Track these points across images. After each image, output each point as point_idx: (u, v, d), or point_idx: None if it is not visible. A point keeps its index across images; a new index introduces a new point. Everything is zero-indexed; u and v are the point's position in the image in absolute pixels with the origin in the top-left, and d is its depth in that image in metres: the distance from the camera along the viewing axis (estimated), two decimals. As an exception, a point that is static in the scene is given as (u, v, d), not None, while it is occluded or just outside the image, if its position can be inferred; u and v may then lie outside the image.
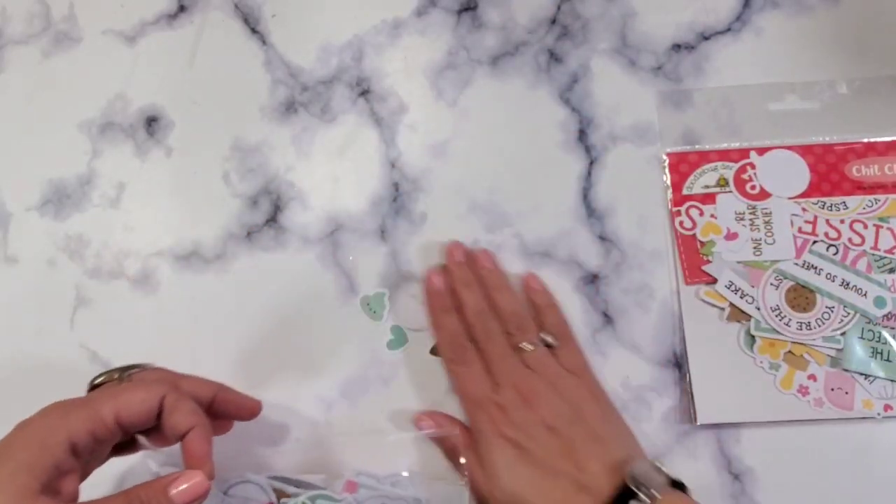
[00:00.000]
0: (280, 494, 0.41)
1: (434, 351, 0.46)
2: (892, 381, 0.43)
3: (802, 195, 0.47)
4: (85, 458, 0.34)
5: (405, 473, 0.43)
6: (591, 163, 0.49)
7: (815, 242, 0.46)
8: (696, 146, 0.48)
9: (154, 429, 0.37)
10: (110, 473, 0.42)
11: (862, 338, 0.44)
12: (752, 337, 0.45)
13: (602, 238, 0.48)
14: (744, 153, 0.48)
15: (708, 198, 0.47)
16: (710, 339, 0.45)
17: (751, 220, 0.46)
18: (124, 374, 0.37)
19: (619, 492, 0.37)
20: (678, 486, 0.37)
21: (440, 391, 0.46)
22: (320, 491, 0.40)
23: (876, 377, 0.43)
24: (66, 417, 0.33)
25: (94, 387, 0.38)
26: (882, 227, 0.46)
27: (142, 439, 0.38)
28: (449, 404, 0.45)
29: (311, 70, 0.52)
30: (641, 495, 0.36)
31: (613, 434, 0.41)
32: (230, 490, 0.41)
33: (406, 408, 0.45)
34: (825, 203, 0.46)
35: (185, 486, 0.33)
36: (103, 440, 0.34)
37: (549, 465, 0.39)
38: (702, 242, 0.46)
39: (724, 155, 0.48)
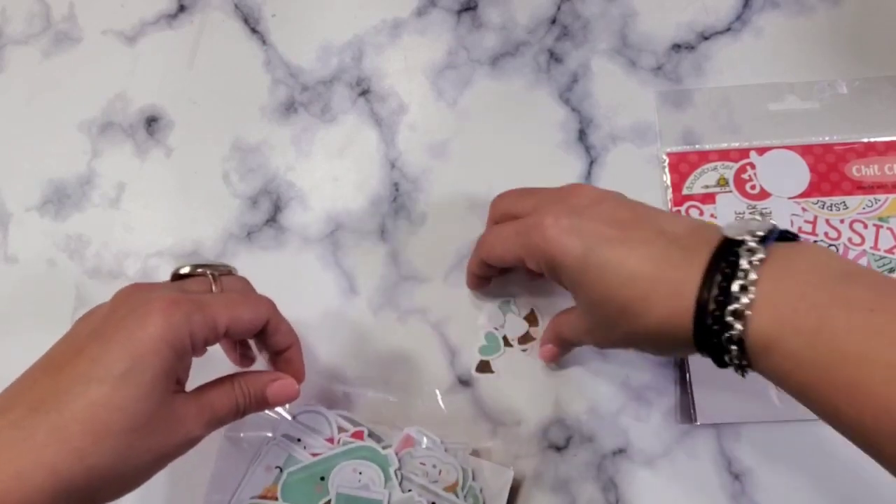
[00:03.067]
0: (341, 431, 0.43)
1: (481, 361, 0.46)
2: (892, 381, 0.43)
3: (802, 195, 0.47)
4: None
5: (464, 441, 0.43)
6: (591, 163, 0.49)
7: (815, 242, 0.46)
8: (696, 146, 0.48)
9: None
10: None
11: (862, 338, 0.44)
12: (752, 337, 0.44)
13: (602, 238, 0.48)
14: (744, 153, 0.48)
15: (708, 198, 0.47)
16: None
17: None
18: (215, 273, 0.38)
19: (719, 243, 0.32)
20: (791, 237, 0.33)
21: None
22: (367, 443, 0.42)
23: (876, 377, 0.43)
24: (189, 321, 0.33)
25: (177, 276, 0.38)
26: (882, 227, 0.46)
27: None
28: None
29: (311, 70, 0.52)
30: (747, 237, 0.31)
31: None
32: (299, 416, 0.43)
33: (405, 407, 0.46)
34: (825, 203, 0.47)
35: (281, 387, 0.37)
36: (208, 346, 0.36)
37: (626, 239, 0.34)
38: (702, 242, 0.46)
39: (724, 155, 0.48)
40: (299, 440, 0.43)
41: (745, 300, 0.30)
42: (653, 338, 0.34)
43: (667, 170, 0.48)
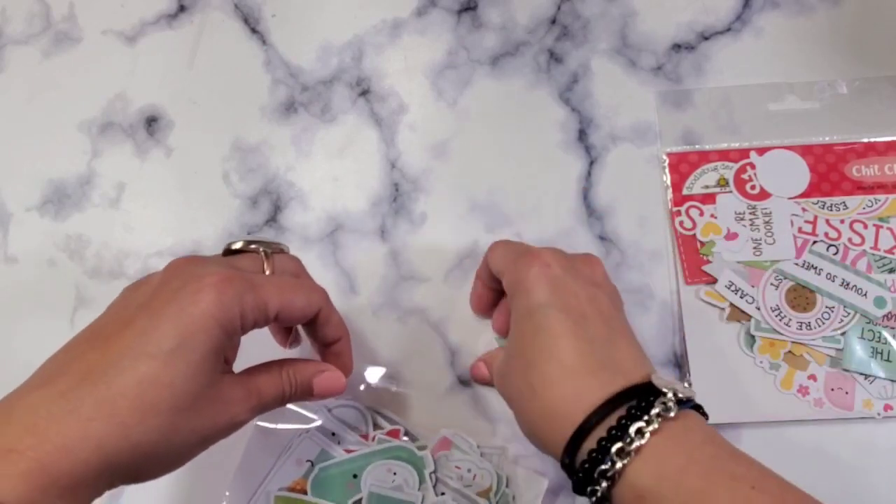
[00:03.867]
0: (377, 429, 0.43)
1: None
2: (892, 381, 0.43)
3: (802, 195, 0.47)
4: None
5: (501, 445, 0.43)
6: (591, 163, 0.49)
7: (815, 242, 0.46)
8: (696, 146, 0.48)
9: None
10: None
11: (862, 338, 0.44)
12: (752, 337, 0.45)
13: (602, 238, 0.48)
14: (744, 153, 0.48)
15: (708, 198, 0.47)
16: (711, 339, 0.45)
17: (751, 220, 0.46)
18: (267, 251, 0.37)
19: (643, 384, 0.32)
20: (701, 410, 0.34)
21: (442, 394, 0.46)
22: (403, 443, 0.41)
23: (876, 377, 0.43)
24: (240, 301, 0.32)
25: (229, 251, 0.37)
26: (882, 227, 0.46)
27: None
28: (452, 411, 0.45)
29: (311, 70, 0.52)
30: (669, 394, 0.32)
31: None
32: (334, 409, 0.43)
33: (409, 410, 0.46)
34: (825, 203, 0.46)
35: (328, 380, 0.37)
36: (257, 328, 0.35)
37: (582, 325, 0.34)
38: (702, 242, 0.46)
39: (724, 155, 0.48)
40: (333, 434, 0.42)
41: (636, 444, 0.30)
42: (537, 423, 0.34)
43: (667, 170, 0.48)
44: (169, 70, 0.53)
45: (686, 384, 0.33)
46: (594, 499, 0.31)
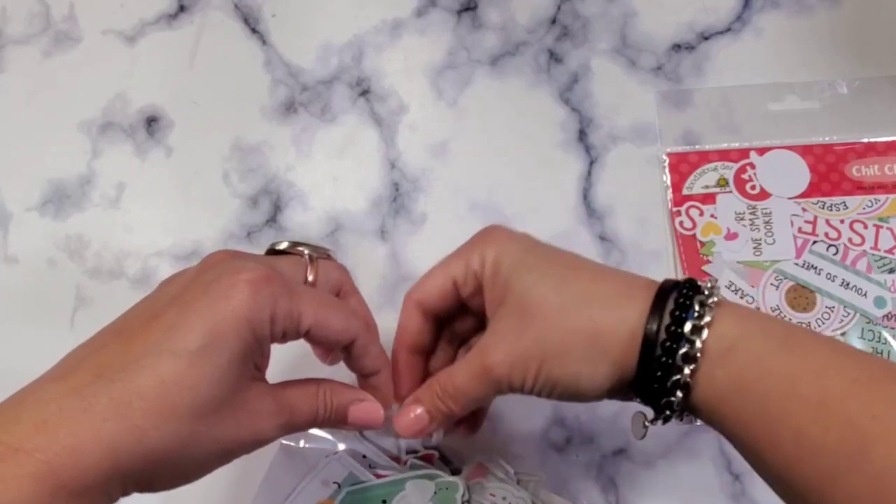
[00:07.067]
0: (410, 452, 0.40)
1: None
2: (892, 381, 0.43)
3: (802, 195, 0.47)
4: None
5: (539, 473, 0.41)
6: (591, 163, 0.49)
7: (815, 242, 0.46)
8: (696, 146, 0.48)
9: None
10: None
11: (862, 338, 0.44)
12: (752, 337, 0.44)
13: (602, 238, 0.48)
14: (744, 153, 0.48)
15: (708, 198, 0.47)
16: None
17: (751, 220, 0.46)
18: (313, 255, 0.34)
19: (673, 282, 0.30)
20: None
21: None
22: (436, 471, 0.39)
23: (876, 377, 0.43)
24: (274, 304, 0.29)
25: (272, 251, 0.35)
26: (882, 227, 0.46)
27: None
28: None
29: (311, 70, 0.52)
30: (701, 284, 0.30)
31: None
32: (366, 431, 0.40)
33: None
34: (825, 203, 0.47)
35: (365, 411, 0.34)
36: (287, 340, 0.32)
37: (579, 267, 0.32)
38: (702, 242, 0.46)
39: (724, 155, 0.48)
40: (364, 457, 0.39)
41: (706, 318, 0.29)
42: (576, 360, 0.31)
43: (667, 170, 0.48)
44: (169, 70, 0.53)
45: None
46: (666, 415, 0.30)
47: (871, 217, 0.46)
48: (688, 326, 0.29)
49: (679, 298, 0.30)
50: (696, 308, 0.29)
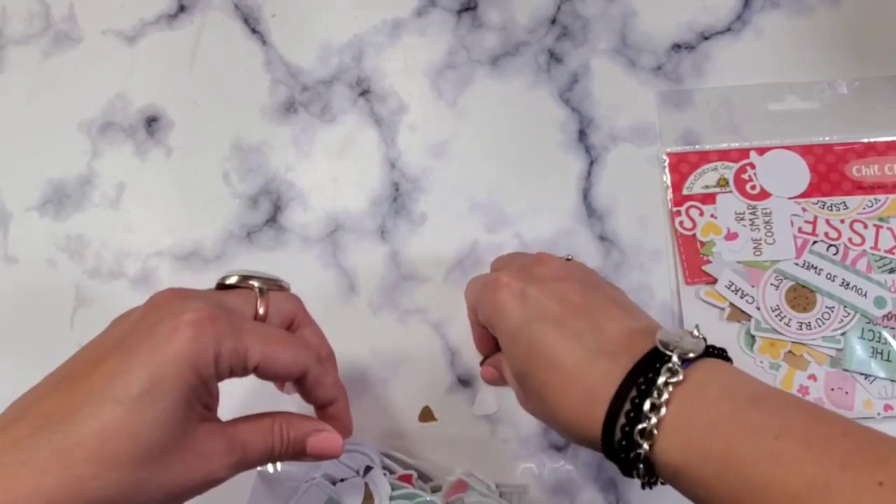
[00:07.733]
0: (388, 474, 0.40)
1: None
2: (892, 381, 0.43)
3: (802, 195, 0.47)
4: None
5: (521, 484, 0.41)
6: (591, 163, 0.49)
7: (815, 242, 0.46)
8: (696, 146, 0.48)
9: None
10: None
11: (862, 338, 0.44)
12: (753, 337, 0.45)
13: (602, 238, 0.48)
14: (744, 153, 0.48)
15: (708, 198, 0.47)
16: (711, 339, 0.45)
17: (751, 220, 0.46)
18: (263, 287, 0.34)
19: (644, 356, 0.31)
20: (717, 353, 0.32)
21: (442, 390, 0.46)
22: (415, 491, 0.39)
23: (876, 377, 0.43)
24: (218, 343, 0.29)
25: (222, 286, 0.34)
26: (882, 227, 0.46)
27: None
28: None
29: (311, 70, 0.52)
30: (674, 357, 0.30)
31: (635, 306, 0.36)
32: (342, 455, 0.39)
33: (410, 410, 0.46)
34: (825, 203, 0.47)
35: (324, 441, 0.34)
36: (234, 377, 0.32)
37: (563, 325, 0.34)
38: (702, 242, 0.46)
39: (724, 155, 0.48)
40: (343, 481, 0.39)
41: (654, 420, 0.29)
42: (565, 430, 0.33)
43: (667, 170, 0.48)
44: (169, 70, 0.53)
45: (695, 331, 0.32)
46: (643, 482, 0.31)
47: (871, 217, 0.46)
48: (636, 452, 0.30)
49: (642, 384, 0.30)
50: (636, 437, 0.29)
